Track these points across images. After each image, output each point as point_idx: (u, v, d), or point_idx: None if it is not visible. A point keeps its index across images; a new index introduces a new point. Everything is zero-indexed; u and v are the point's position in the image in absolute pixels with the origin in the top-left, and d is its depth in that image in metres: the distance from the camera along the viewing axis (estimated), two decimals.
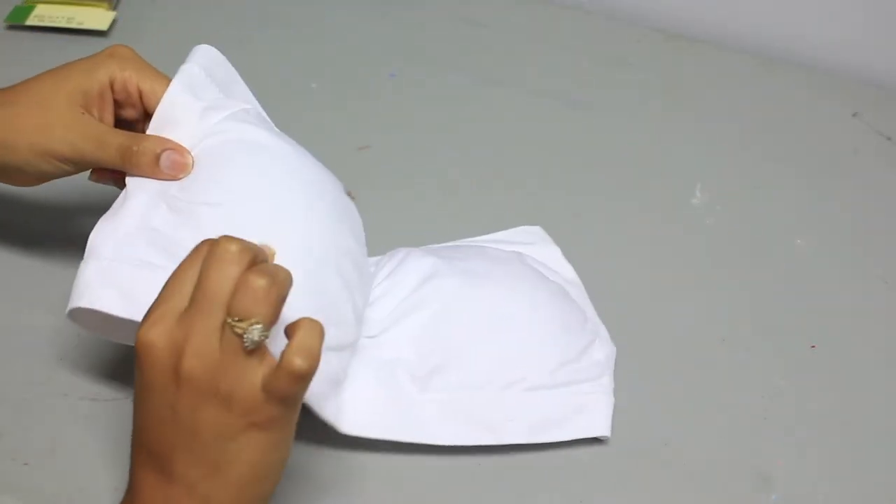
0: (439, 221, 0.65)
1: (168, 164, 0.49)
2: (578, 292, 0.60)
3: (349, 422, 0.50)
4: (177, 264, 0.42)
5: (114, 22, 0.80)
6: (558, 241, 0.64)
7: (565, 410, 0.53)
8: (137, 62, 0.52)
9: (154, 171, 0.49)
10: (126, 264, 0.46)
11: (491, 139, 0.74)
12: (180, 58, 0.54)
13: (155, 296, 0.41)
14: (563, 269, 0.62)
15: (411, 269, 0.56)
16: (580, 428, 0.53)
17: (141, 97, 0.52)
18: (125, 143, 0.49)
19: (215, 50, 0.56)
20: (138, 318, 0.42)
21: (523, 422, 0.53)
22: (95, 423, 0.51)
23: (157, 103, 0.51)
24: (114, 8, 0.82)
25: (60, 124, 0.50)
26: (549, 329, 0.55)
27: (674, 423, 0.55)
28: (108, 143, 0.50)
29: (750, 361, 0.59)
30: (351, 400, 0.51)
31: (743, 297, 0.63)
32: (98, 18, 0.79)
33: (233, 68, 0.57)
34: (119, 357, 0.55)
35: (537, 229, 0.66)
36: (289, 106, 0.74)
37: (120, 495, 0.48)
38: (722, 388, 0.57)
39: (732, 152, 0.75)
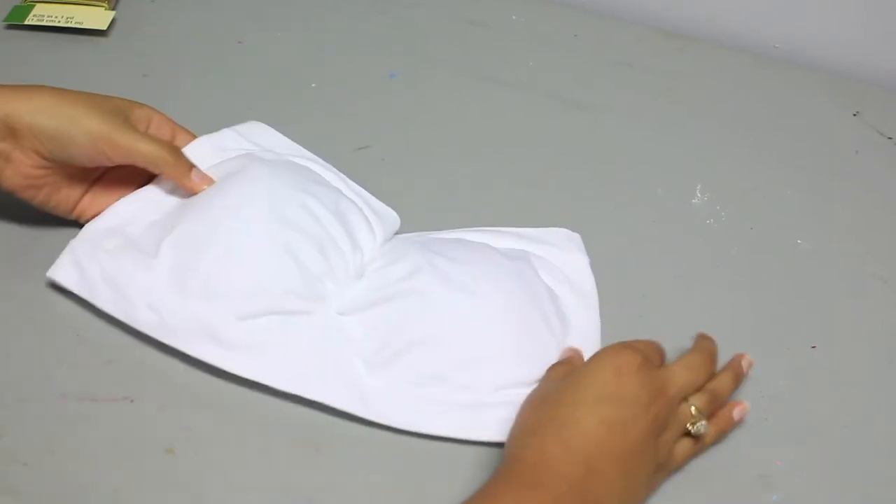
0: (438, 222, 0.65)
1: (198, 176, 0.59)
2: (584, 305, 0.60)
3: (283, 379, 0.53)
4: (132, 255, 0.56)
5: (113, 21, 0.80)
6: None
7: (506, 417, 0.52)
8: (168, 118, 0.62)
9: (185, 177, 0.59)
10: (93, 254, 0.57)
11: (491, 139, 0.74)
12: (179, 57, 0.54)
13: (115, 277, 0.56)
14: (581, 280, 0.61)
15: (398, 268, 0.57)
16: None
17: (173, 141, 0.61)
18: (174, 148, 0.60)
19: (263, 124, 0.68)
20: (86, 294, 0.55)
21: (456, 418, 0.53)
22: (95, 423, 0.51)
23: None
24: (113, 7, 0.82)
25: (115, 126, 0.56)
26: (505, 353, 0.55)
27: None
28: (159, 143, 0.58)
29: None
30: (295, 359, 0.54)
31: (743, 298, 0.63)
32: (97, 18, 0.79)
33: (281, 135, 0.67)
34: (119, 357, 0.55)
35: (575, 236, 0.64)
36: (289, 106, 0.75)
37: (120, 495, 0.48)
38: None
39: (732, 152, 0.75)
